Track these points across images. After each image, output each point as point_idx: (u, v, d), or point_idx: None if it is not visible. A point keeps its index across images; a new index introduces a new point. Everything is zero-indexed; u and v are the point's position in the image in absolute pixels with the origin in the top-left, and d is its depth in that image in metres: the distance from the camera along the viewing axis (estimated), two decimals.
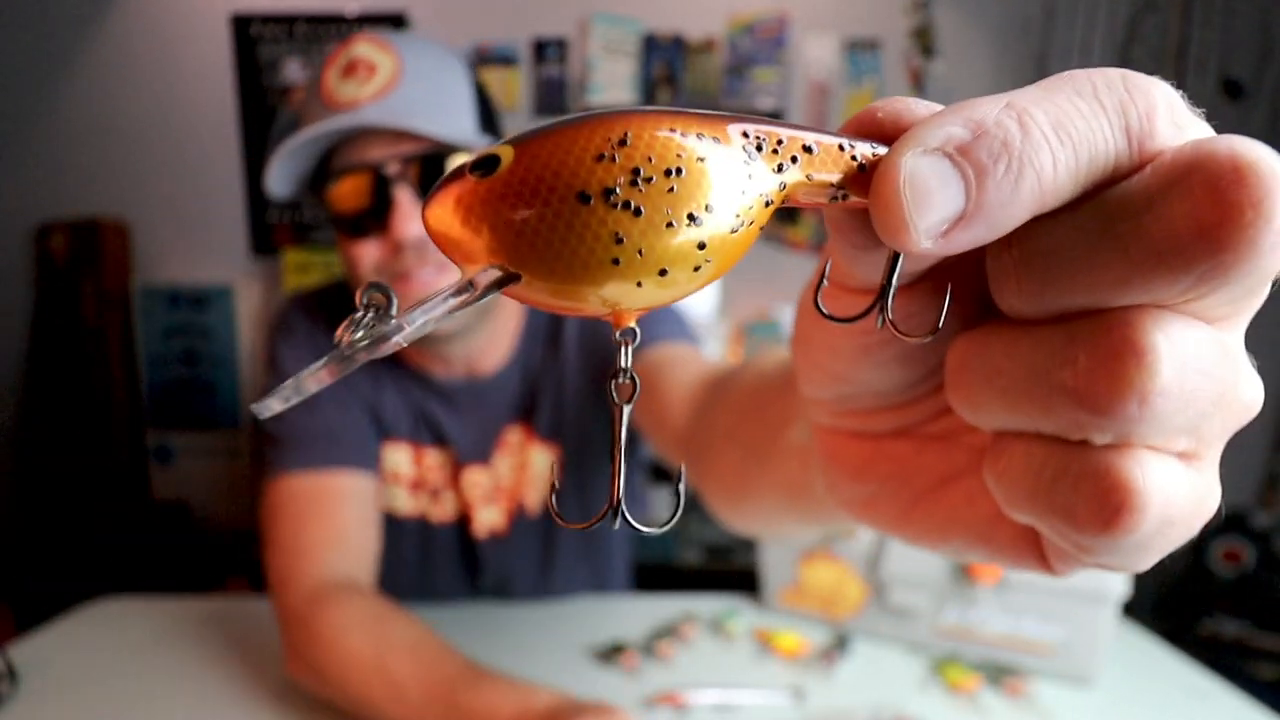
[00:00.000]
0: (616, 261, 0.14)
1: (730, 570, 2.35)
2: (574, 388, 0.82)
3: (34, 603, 1.94)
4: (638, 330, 0.17)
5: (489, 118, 0.73)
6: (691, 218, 0.14)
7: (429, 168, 0.66)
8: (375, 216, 0.66)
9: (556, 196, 0.14)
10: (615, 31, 2.44)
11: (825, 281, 0.17)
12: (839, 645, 0.78)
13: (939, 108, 0.15)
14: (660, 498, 2.52)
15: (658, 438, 0.68)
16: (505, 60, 2.50)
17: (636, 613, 0.86)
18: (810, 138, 0.15)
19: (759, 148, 0.15)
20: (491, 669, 0.61)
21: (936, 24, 2.49)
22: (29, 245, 2.56)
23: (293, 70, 2.49)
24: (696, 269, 0.15)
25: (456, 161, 0.67)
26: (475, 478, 0.84)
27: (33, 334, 2.57)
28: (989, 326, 0.17)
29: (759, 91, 2.44)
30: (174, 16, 2.48)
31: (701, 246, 0.15)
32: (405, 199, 0.65)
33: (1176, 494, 0.15)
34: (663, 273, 0.15)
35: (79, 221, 2.48)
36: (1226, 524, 2.22)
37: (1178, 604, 2.29)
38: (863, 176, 0.15)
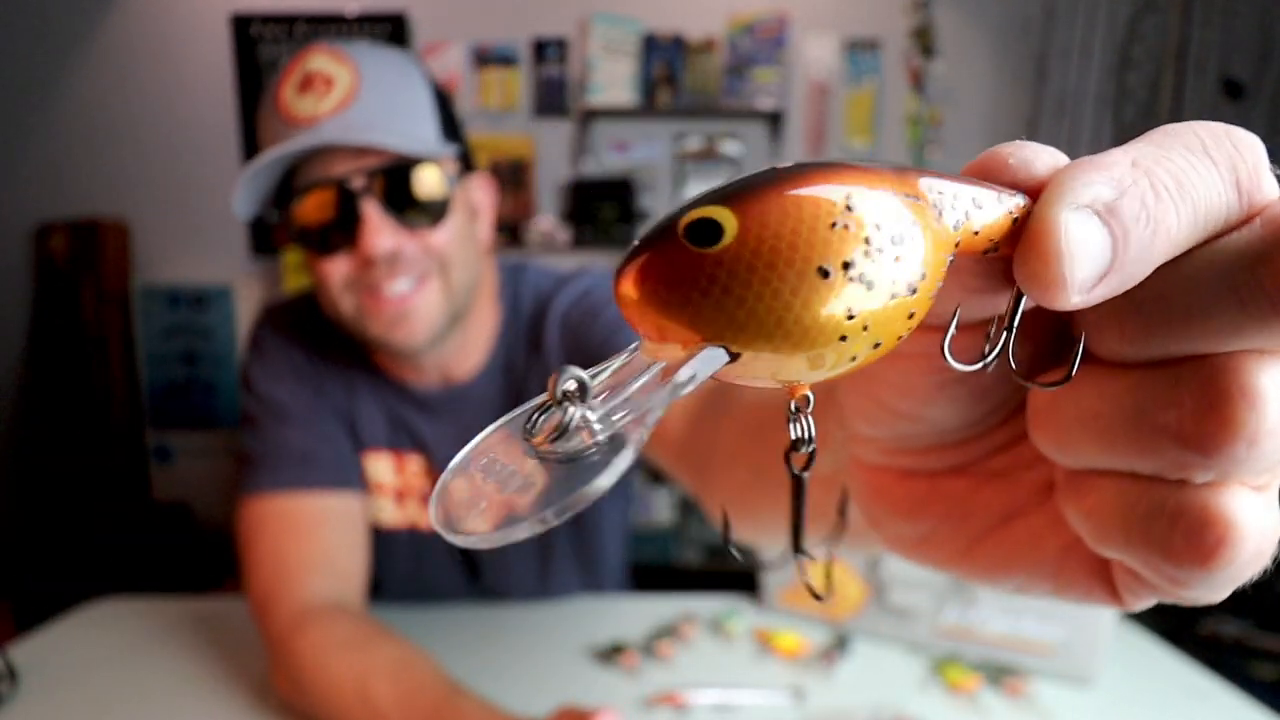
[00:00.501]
0: (844, 338, 0.13)
1: (730, 570, 2.35)
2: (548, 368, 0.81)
3: (34, 603, 1.94)
4: (812, 396, 0.16)
5: (450, 123, 0.72)
6: (912, 288, 0.14)
7: (394, 181, 0.65)
8: (342, 232, 0.65)
9: (795, 272, 0.13)
10: (615, 31, 2.44)
11: (954, 329, 0.16)
12: (839, 645, 0.78)
13: (1063, 156, 0.16)
14: (659, 498, 2.52)
15: (651, 443, 0.66)
16: (505, 60, 2.50)
17: (636, 613, 0.86)
18: (974, 191, 0.15)
19: (941, 204, 0.14)
20: (474, 694, 0.60)
21: (936, 24, 2.49)
22: (29, 245, 2.56)
23: None
24: (899, 337, 0.14)
25: (422, 175, 0.65)
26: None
27: (32, 334, 2.57)
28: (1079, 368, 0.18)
29: (759, 91, 2.44)
30: (174, 17, 2.49)
31: (911, 316, 0.14)
32: (373, 213, 0.64)
33: (1265, 526, 0.16)
34: (876, 344, 0.14)
35: (79, 222, 2.48)
36: None
37: (1178, 605, 2.28)
38: (1012, 229, 0.15)
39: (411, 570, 0.87)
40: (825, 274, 0.13)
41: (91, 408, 2.48)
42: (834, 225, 0.13)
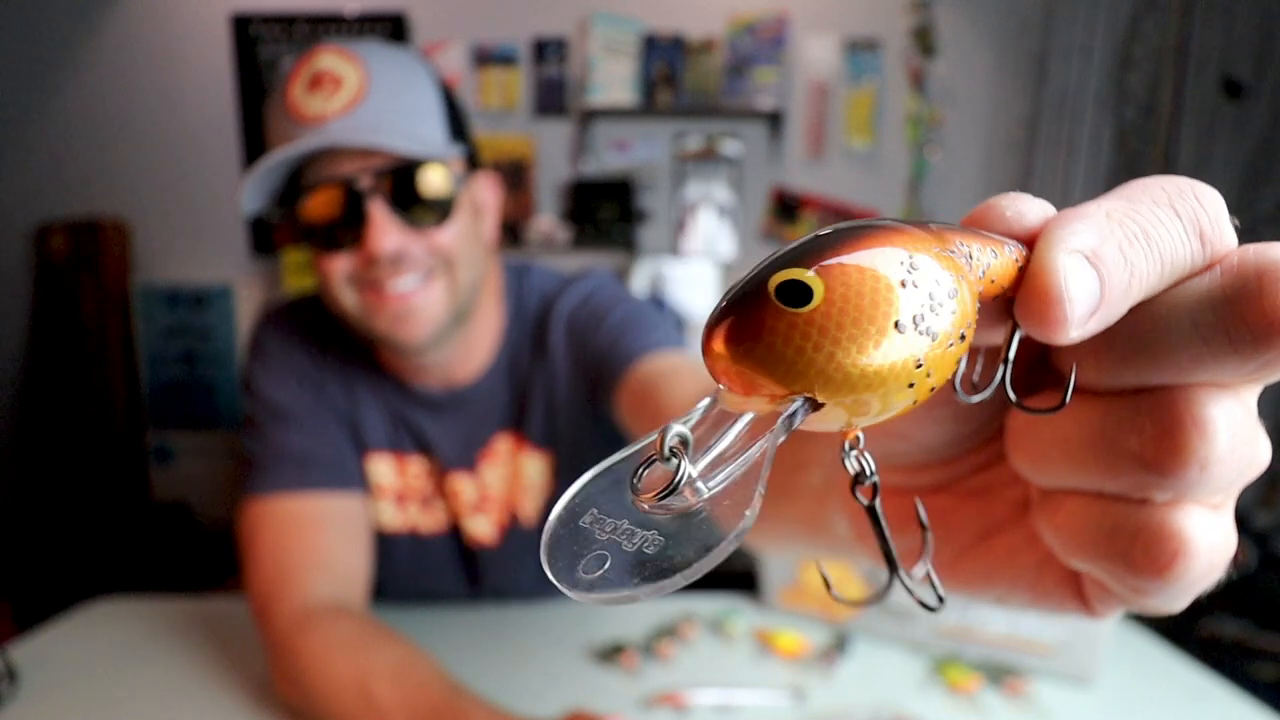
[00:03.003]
0: (912, 385, 0.15)
1: (730, 570, 2.35)
2: (565, 395, 0.80)
3: (34, 603, 1.94)
4: (863, 437, 0.18)
5: (457, 123, 0.72)
6: (962, 335, 0.15)
7: (400, 180, 0.66)
8: (348, 230, 0.66)
9: (876, 328, 0.14)
10: (615, 31, 2.44)
11: (964, 367, 0.18)
12: (839, 645, 0.78)
13: (1051, 208, 0.17)
14: None
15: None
16: (505, 60, 2.50)
17: (636, 613, 0.86)
18: (984, 242, 0.16)
19: (969, 256, 0.16)
20: (476, 694, 0.60)
21: (936, 24, 2.49)
22: (29, 245, 2.56)
23: None
24: (946, 380, 0.16)
25: (428, 175, 0.66)
26: (460, 486, 0.82)
27: (32, 334, 2.57)
28: (1052, 395, 0.19)
29: (759, 91, 2.44)
30: (174, 16, 2.48)
31: (959, 361, 0.16)
32: (379, 213, 0.65)
33: (1217, 541, 0.18)
34: (932, 388, 0.15)
35: (79, 221, 2.48)
36: None
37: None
38: (1017, 275, 0.17)
39: (412, 573, 0.87)
40: (900, 328, 0.14)
41: (91, 408, 2.48)
42: (903, 284, 0.15)
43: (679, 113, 2.49)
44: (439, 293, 0.70)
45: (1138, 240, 0.16)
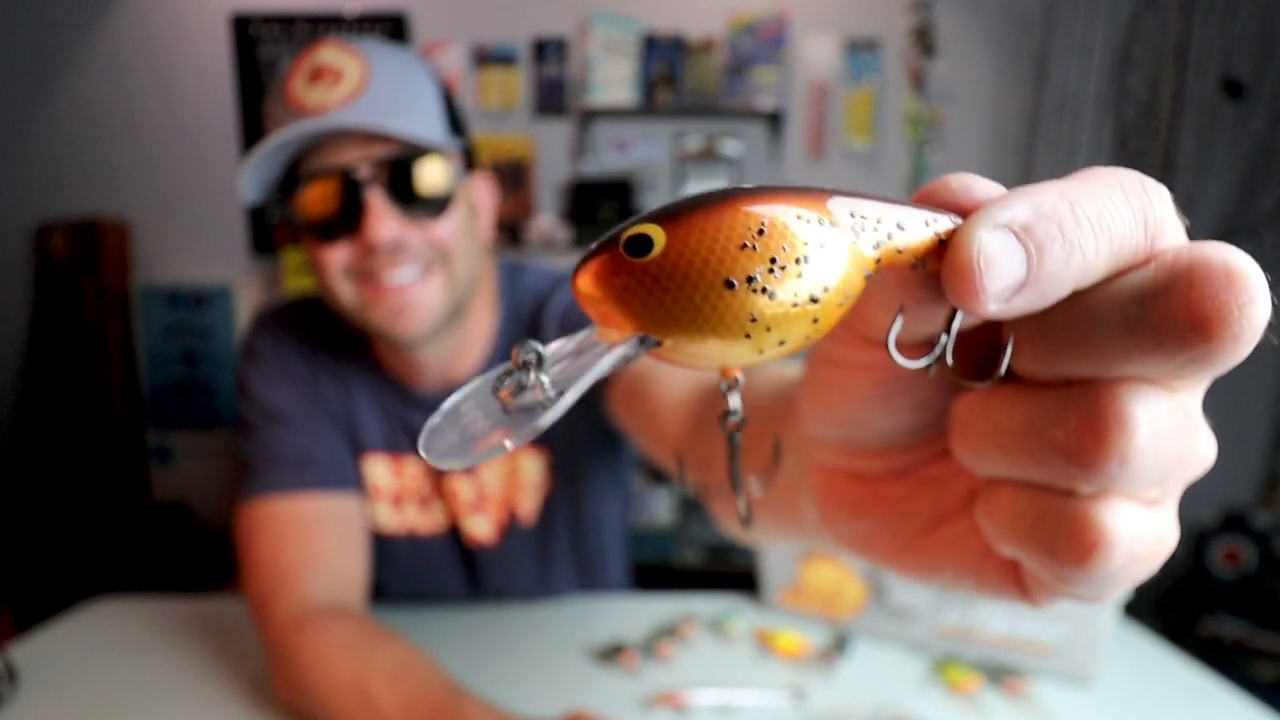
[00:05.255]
0: (749, 336, 0.16)
1: (730, 570, 2.35)
2: None
3: (34, 603, 1.94)
4: (741, 378, 0.20)
5: (455, 120, 0.73)
6: (813, 299, 0.16)
7: (399, 171, 0.65)
8: (346, 220, 0.66)
9: (705, 282, 0.16)
10: (615, 31, 2.44)
11: (898, 328, 0.19)
12: (839, 645, 0.78)
13: (1001, 188, 0.18)
14: (659, 498, 2.52)
15: (648, 442, 0.67)
16: (505, 60, 2.50)
17: (636, 613, 0.86)
18: (900, 213, 0.17)
19: (861, 227, 0.17)
20: (476, 695, 0.60)
21: (936, 24, 2.49)
22: (29, 245, 2.56)
23: None
24: (807, 337, 0.17)
25: (428, 166, 0.66)
26: (458, 486, 0.83)
27: (32, 334, 2.57)
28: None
29: (759, 91, 2.44)
30: (174, 16, 2.49)
31: (815, 320, 0.17)
32: (377, 202, 0.65)
33: (1142, 535, 0.18)
34: (781, 342, 0.17)
35: (79, 221, 2.48)
36: (1226, 524, 2.22)
37: (1178, 604, 2.29)
38: (940, 247, 0.17)
39: (411, 574, 0.87)
40: (731, 286, 0.16)
41: (91, 408, 2.48)
42: (743, 247, 0.16)
43: (679, 113, 2.49)
44: (436, 286, 0.69)
45: (1087, 223, 0.16)
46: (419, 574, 0.87)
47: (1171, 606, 2.35)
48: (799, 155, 2.56)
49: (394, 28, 2.47)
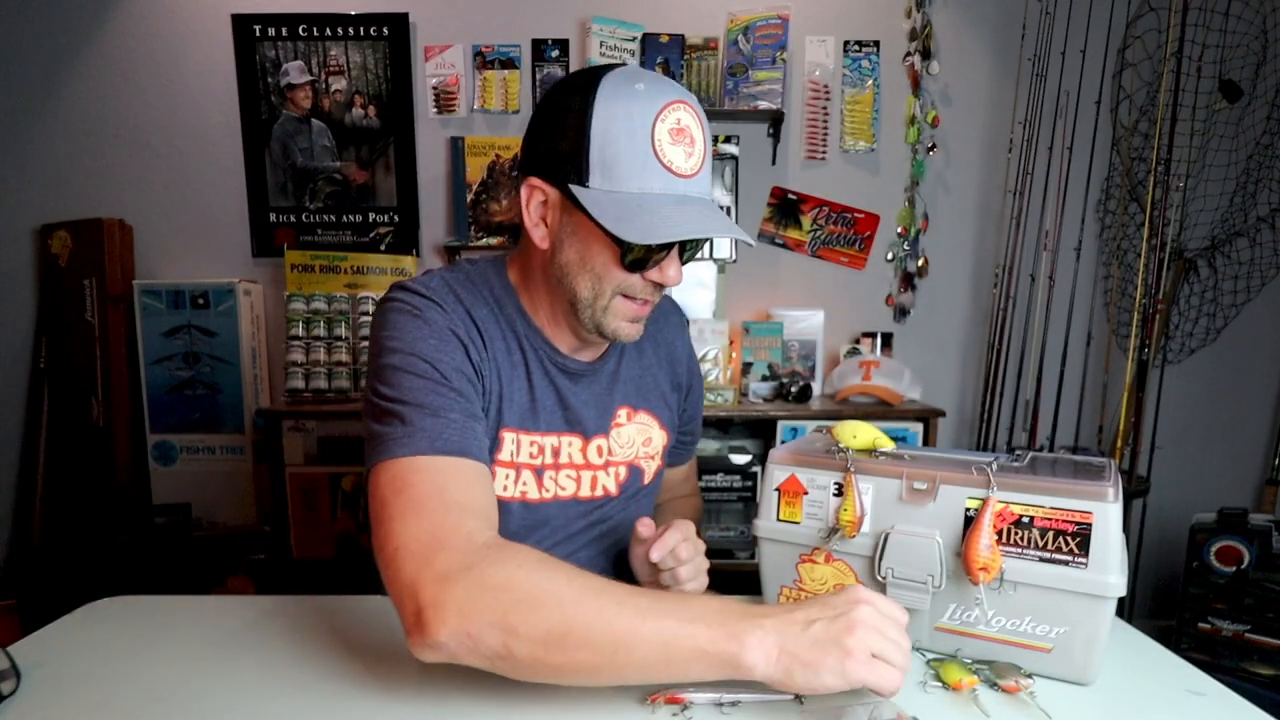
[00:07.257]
0: None
1: (731, 570, 2.35)
2: (649, 364, 1.01)
3: (36, 602, 1.95)
4: None
5: None
6: None
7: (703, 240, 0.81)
8: (655, 261, 0.80)
9: None
10: (615, 32, 2.44)
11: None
12: None
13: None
14: None
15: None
16: (505, 61, 2.50)
17: None
18: None
19: None
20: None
21: (935, 25, 2.50)
22: (32, 245, 2.57)
23: (293, 71, 2.49)
24: None
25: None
26: (589, 453, 0.93)
27: (35, 334, 2.57)
28: None
29: (759, 92, 2.45)
30: (175, 17, 2.49)
31: None
32: (678, 255, 0.81)
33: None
34: None
35: (81, 222, 2.48)
36: (1226, 524, 2.22)
37: (1177, 604, 2.29)
38: None
39: (524, 537, 0.88)
40: None
41: (92, 408, 2.48)
42: None
43: None
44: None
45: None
46: (533, 535, 0.90)
47: (1170, 606, 2.35)
48: (799, 156, 2.57)
49: (395, 29, 2.47)
